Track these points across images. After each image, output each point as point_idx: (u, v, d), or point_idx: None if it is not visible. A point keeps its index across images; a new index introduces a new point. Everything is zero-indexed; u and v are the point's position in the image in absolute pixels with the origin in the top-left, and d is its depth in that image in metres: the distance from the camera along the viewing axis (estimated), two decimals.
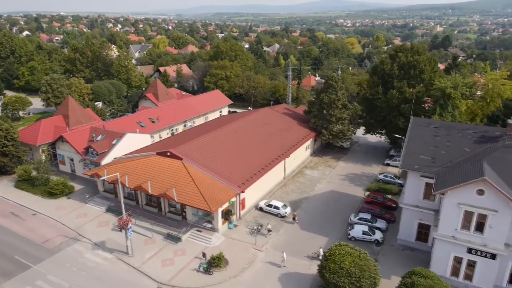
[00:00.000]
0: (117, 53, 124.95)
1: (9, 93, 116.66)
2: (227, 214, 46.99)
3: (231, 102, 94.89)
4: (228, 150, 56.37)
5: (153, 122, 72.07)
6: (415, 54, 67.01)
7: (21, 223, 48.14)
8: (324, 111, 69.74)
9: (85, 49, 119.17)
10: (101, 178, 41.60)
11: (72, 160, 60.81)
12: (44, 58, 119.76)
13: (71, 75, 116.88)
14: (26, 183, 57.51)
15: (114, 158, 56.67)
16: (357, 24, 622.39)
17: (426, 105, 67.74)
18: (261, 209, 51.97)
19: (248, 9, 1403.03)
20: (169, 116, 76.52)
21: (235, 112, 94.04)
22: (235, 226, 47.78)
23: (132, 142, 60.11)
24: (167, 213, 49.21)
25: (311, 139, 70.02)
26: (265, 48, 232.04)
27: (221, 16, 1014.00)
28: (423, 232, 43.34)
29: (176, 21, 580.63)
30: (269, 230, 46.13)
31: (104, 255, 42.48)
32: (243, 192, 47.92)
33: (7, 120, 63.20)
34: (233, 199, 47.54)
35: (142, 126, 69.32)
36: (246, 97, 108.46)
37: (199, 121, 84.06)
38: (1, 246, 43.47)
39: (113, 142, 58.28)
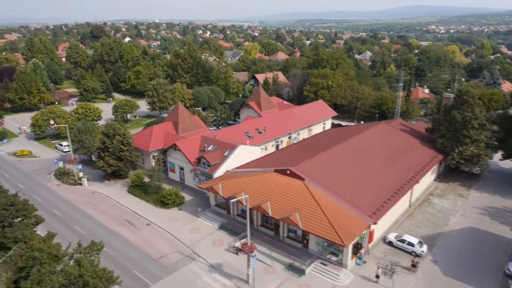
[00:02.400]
0: (215, 58, 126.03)
1: (115, 95, 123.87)
2: (355, 248, 40.95)
3: (336, 113, 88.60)
4: (349, 170, 50.34)
5: (260, 132, 68.76)
6: None
7: (137, 233, 47.10)
8: (454, 130, 60.33)
9: (186, 55, 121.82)
10: (232, 201, 38.22)
11: (182, 169, 59.57)
12: (148, 63, 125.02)
13: (172, 80, 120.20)
14: (139, 189, 57.36)
15: (226, 171, 53.88)
16: (451, 31, 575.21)
17: None
18: (390, 243, 44.94)
19: (331, 15, 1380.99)
20: (274, 127, 72.74)
21: (339, 125, 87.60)
22: (364, 262, 41.48)
23: (243, 154, 57.00)
24: (285, 238, 44.63)
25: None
26: (357, 56, 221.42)
27: (303, 22, 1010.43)
28: None
29: (261, 28, 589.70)
30: (377, 276, 38.58)
31: (222, 280, 39.02)
32: (375, 223, 41.50)
33: (123, 125, 64.21)
34: (364, 231, 41.31)
35: (249, 136, 66.26)
36: (348, 109, 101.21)
37: (303, 133, 79.24)
38: (120, 257, 42.38)
39: (225, 154, 55.62)
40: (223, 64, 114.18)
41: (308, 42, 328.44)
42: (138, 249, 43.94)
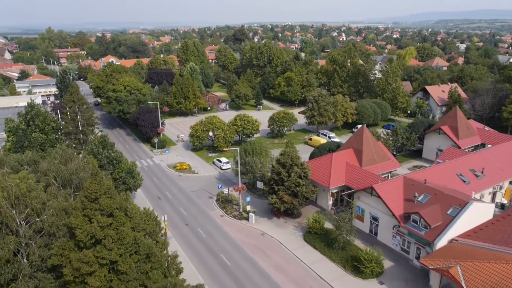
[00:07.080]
0: (381, 65, 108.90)
1: (264, 103, 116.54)
2: None
3: None
4: None
5: (476, 176, 50.12)
6: None
7: None
8: None
9: (346, 61, 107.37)
10: None
11: (375, 219, 45.13)
12: (301, 69, 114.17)
13: (327, 90, 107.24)
14: (318, 238, 44.94)
15: (453, 240, 37.58)
16: None
17: None
18: None
19: (479, 14, 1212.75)
20: (490, 167, 52.97)
21: None
22: None
23: (472, 213, 39.76)
24: None
25: None
26: None
27: (445, 23, 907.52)
28: None
29: (399, 29, 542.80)
30: None
31: None
32: None
33: (295, 149, 52.10)
34: None
35: (464, 181, 48.30)
36: None
37: None
38: None
39: (448, 212, 39.19)
40: (398, 74, 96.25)
41: (462, 46, 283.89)
42: None
